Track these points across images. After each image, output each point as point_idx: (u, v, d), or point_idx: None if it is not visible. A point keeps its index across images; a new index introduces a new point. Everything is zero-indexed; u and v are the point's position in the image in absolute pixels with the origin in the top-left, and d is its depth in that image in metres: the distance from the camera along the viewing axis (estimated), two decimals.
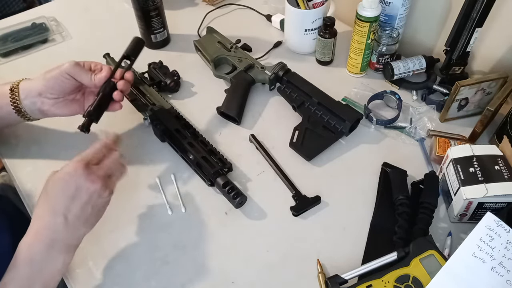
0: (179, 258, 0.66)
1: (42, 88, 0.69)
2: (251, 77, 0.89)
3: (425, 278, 0.56)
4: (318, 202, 0.71)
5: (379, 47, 0.88)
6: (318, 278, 0.62)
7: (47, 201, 0.55)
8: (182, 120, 0.80)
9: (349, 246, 0.66)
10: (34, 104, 0.70)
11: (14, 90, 0.70)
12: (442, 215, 0.70)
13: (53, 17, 1.09)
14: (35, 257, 0.54)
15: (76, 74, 0.68)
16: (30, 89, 0.69)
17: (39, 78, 0.70)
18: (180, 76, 0.92)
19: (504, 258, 0.55)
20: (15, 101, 0.70)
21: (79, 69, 0.69)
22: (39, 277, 0.54)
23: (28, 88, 0.70)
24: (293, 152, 0.79)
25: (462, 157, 0.67)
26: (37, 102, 0.70)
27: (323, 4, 0.91)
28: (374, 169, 0.76)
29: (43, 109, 0.71)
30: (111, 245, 0.67)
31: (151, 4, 0.93)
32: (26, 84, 0.70)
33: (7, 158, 0.79)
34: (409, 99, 0.88)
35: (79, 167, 0.54)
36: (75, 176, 0.54)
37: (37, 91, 0.69)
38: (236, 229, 0.69)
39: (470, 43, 0.80)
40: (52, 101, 0.70)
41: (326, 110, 0.81)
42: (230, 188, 0.69)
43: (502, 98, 0.74)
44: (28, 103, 0.70)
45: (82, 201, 0.55)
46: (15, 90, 0.70)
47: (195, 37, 1.03)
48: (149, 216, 0.71)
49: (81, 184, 0.54)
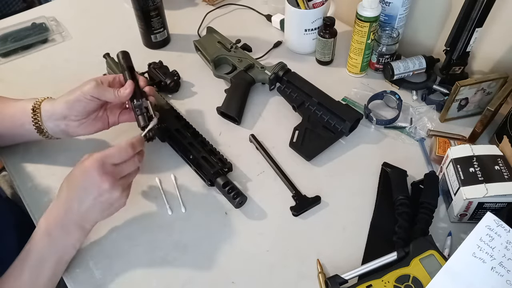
0: (179, 258, 0.66)
1: (66, 112, 0.68)
2: (251, 77, 0.89)
3: (425, 278, 0.56)
4: (318, 202, 0.71)
5: (379, 47, 0.88)
6: (318, 278, 0.62)
7: (67, 187, 0.60)
8: (182, 120, 0.80)
9: (349, 246, 0.66)
10: (57, 127, 0.70)
11: (36, 111, 0.70)
12: (442, 215, 0.70)
13: (53, 17, 1.09)
14: (52, 232, 0.59)
15: (99, 94, 0.67)
16: (53, 111, 0.69)
17: (62, 101, 0.68)
18: (180, 76, 0.92)
19: (504, 258, 0.55)
20: (37, 122, 0.70)
21: (101, 89, 0.68)
22: (55, 249, 0.60)
23: (50, 110, 0.69)
24: (293, 152, 0.79)
25: (462, 157, 0.67)
26: (60, 124, 0.70)
27: (323, 4, 0.91)
28: (374, 169, 0.76)
29: (69, 131, 0.71)
30: (111, 245, 0.67)
31: (151, 4, 0.93)
32: (49, 105, 0.69)
33: (7, 158, 0.79)
34: (409, 99, 0.88)
35: (93, 166, 0.58)
36: (89, 173, 0.58)
37: (61, 114, 0.69)
38: (236, 229, 0.69)
39: (470, 43, 0.80)
40: (77, 123, 0.70)
41: (326, 110, 0.81)
42: (230, 188, 0.69)
43: (502, 98, 0.74)
44: (52, 125, 0.70)
45: (93, 196, 0.59)
46: (37, 111, 0.70)
47: (195, 37, 1.03)
48: (149, 216, 0.71)
49: (92, 182, 0.58)
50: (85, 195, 0.59)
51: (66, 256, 0.61)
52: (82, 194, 0.59)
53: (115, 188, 0.59)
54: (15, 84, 0.93)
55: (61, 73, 0.95)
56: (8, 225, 0.72)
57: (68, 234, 0.60)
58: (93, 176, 0.58)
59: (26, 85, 0.93)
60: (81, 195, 0.59)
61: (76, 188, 0.59)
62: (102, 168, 0.58)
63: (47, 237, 0.59)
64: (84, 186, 0.59)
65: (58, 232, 0.59)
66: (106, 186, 0.58)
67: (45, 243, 0.59)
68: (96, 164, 0.58)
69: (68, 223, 0.59)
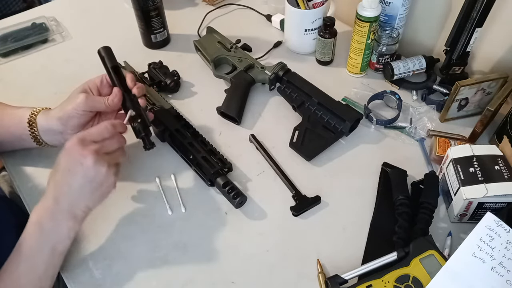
0: (179, 258, 0.66)
1: (61, 128, 0.69)
2: (251, 77, 0.89)
3: (425, 278, 0.56)
4: (318, 202, 0.71)
5: (379, 47, 0.88)
6: (318, 278, 0.62)
7: (54, 173, 0.60)
8: (182, 120, 0.80)
9: (349, 246, 0.66)
10: (55, 140, 0.71)
11: (33, 125, 0.70)
12: (442, 215, 0.70)
13: (53, 17, 1.09)
14: (43, 222, 0.59)
15: (90, 107, 0.67)
16: (49, 128, 0.69)
17: (55, 117, 0.68)
18: (180, 76, 0.92)
19: (504, 258, 0.55)
20: (35, 136, 0.71)
21: (91, 100, 0.67)
22: (47, 240, 0.59)
23: (46, 126, 0.70)
24: (293, 152, 0.79)
25: (462, 157, 0.67)
26: (58, 138, 0.70)
27: (323, 4, 0.91)
28: (374, 169, 0.76)
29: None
30: (111, 245, 0.67)
31: (151, 4, 0.93)
32: (44, 121, 0.70)
33: (7, 158, 0.79)
34: (409, 99, 0.88)
35: (73, 143, 0.57)
36: (70, 151, 0.58)
37: (57, 130, 0.69)
38: (236, 229, 0.69)
39: (470, 43, 0.80)
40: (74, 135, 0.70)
41: (326, 110, 0.81)
42: (230, 188, 0.69)
43: (502, 98, 0.74)
44: (50, 138, 0.71)
45: (78, 175, 0.58)
46: (34, 125, 0.70)
47: (195, 37, 1.03)
48: (149, 216, 0.71)
49: (74, 159, 0.57)
50: (71, 177, 0.58)
51: (59, 247, 0.60)
52: (68, 177, 0.58)
53: (99, 163, 0.57)
54: (15, 84, 0.94)
55: (61, 73, 0.95)
56: (8, 224, 0.72)
57: (59, 223, 0.59)
58: (74, 153, 0.57)
59: (26, 85, 0.93)
60: (68, 179, 0.58)
61: (62, 173, 0.58)
62: (82, 144, 0.57)
63: (38, 228, 0.58)
64: (68, 168, 0.58)
65: (49, 222, 0.58)
66: (89, 162, 0.57)
67: (37, 235, 0.58)
68: (76, 141, 0.57)
69: (58, 212, 0.59)
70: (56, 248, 0.60)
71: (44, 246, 0.59)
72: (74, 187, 0.58)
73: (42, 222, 0.59)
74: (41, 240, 0.58)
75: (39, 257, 0.58)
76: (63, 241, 0.60)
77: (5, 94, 0.83)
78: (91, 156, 0.57)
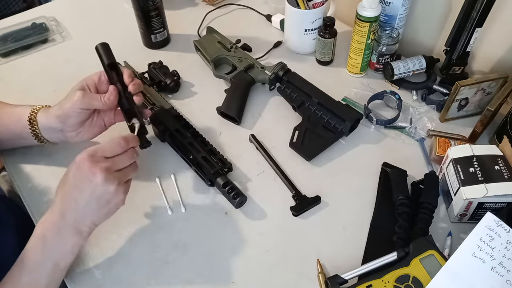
0: (179, 258, 0.66)
1: (60, 126, 0.69)
2: (251, 77, 0.89)
3: (425, 278, 0.56)
4: (318, 202, 0.71)
5: (379, 47, 0.88)
6: (318, 278, 0.62)
7: (62, 184, 0.58)
8: (182, 120, 0.80)
9: (349, 246, 0.66)
10: (56, 137, 0.72)
11: (33, 122, 0.70)
12: (442, 215, 0.70)
13: (53, 17, 1.09)
14: (47, 236, 0.57)
15: (88, 105, 0.67)
16: (49, 125, 0.70)
17: (54, 115, 0.68)
18: (180, 76, 0.92)
19: (504, 258, 0.55)
20: (35, 133, 0.71)
21: (88, 98, 0.66)
22: (51, 254, 0.57)
23: (46, 124, 0.70)
24: (293, 152, 0.79)
25: (462, 157, 0.67)
26: (58, 135, 0.71)
27: (323, 4, 0.91)
28: (374, 169, 0.76)
29: (68, 140, 0.72)
30: (111, 245, 0.67)
31: (151, 4, 0.93)
32: (44, 118, 0.70)
33: (7, 158, 0.79)
34: (409, 99, 0.88)
35: (83, 159, 0.56)
36: (79, 165, 0.56)
37: (56, 128, 0.69)
38: (236, 229, 0.69)
39: (470, 43, 0.80)
40: (73, 133, 0.70)
41: (326, 110, 0.81)
42: (230, 188, 0.69)
43: (502, 98, 0.74)
44: (50, 136, 0.71)
45: (86, 192, 0.56)
46: (34, 123, 0.70)
47: (195, 37, 1.03)
48: (149, 216, 0.71)
49: (83, 175, 0.56)
50: (78, 193, 0.56)
51: (62, 263, 0.59)
52: (75, 193, 0.56)
53: (109, 181, 0.56)
54: (15, 84, 0.94)
55: (61, 73, 0.95)
56: (8, 224, 0.72)
57: (63, 239, 0.58)
58: (83, 169, 0.55)
59: (26, 85, 0.93)
60: (75, 194, 0.56)
61: (69, 188, 0.57)
62: (93, 160, 0.56)
63: (42, 242, 0.57)
64: (76, 184, 0.56)
65: (53, 237, 0.57)
66: (99, 179, 0.55)
67: (40, 249, 0.57)
68: (86, 157, 0.56)
69: (63, 227, 0.57)
70: (59, 264, 0.58)
71: (47, 261, 0.57)
72: (81, 204, 0.57)
73: (47, 236, 0.57)
74: (45, 254, 0.57)
75: (42, 271, 0.57)
76: (66, 257, 0.59)
77: (5, 94, 0.83)
78: (100, 174, 0.55)
